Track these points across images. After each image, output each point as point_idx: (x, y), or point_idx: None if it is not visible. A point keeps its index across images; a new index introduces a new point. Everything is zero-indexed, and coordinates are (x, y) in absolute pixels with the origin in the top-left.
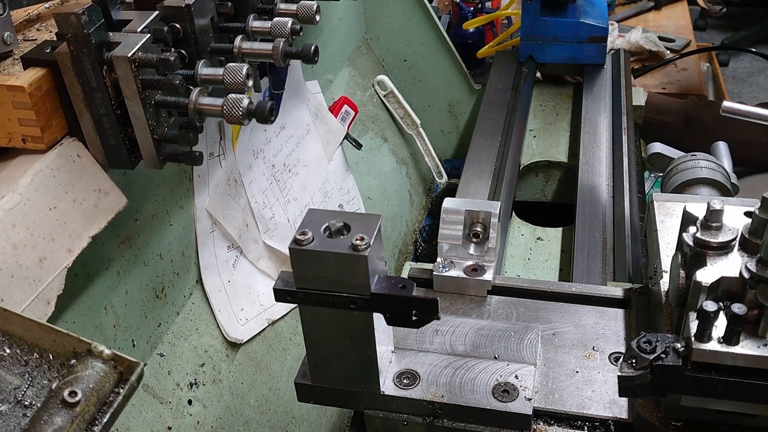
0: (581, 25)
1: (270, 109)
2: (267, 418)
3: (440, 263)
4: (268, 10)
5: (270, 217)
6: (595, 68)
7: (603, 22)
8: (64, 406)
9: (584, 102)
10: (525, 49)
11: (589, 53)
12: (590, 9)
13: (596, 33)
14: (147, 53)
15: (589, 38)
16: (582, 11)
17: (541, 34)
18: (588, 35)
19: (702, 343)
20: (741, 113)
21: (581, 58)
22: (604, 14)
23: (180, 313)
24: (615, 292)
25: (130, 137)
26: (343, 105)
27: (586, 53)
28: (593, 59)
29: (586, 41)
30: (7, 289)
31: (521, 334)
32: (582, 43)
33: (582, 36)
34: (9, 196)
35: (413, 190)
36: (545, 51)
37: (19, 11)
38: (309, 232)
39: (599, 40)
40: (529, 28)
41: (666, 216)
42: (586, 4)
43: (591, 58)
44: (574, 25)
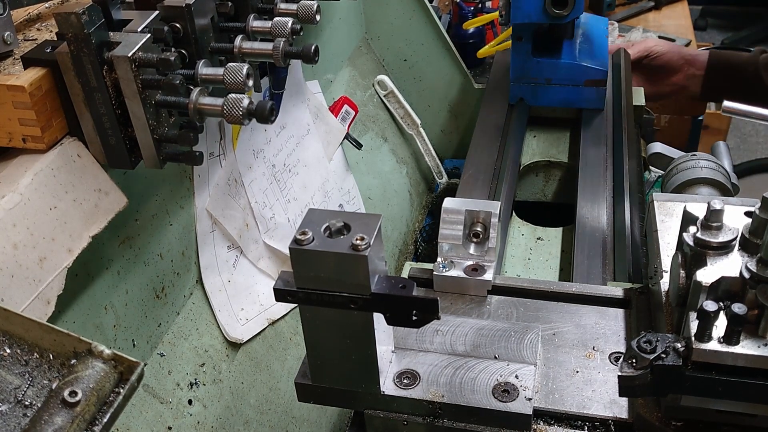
0: (577, 66)
1: (270, 108)
2: (267, 418)
3: (440, 263)
4: (268, 10)
5: (270, 217)
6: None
7: (602, 64)
8: (64, 406)
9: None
10: (516, 91)
11: (587, 97)
12: (588, 49)
13: (594, 76)
14: (147, 53)
15: (586, 81)
16: (579, 51)
17: (533, 76)
18: (585, 78)
19: (702, 343)
20: (741, 113)
21: (578, 102)
22: (604, 54)
23: (180, 313)
24: (615, 292)
25: (130, 137)
26: (343, 105)
27: (584, 97)
28: (591, 103)
29: (583, 84)
30: (7, 289)
31: (521, 334)
32: (578, 86)
33: (578, 79)
34: (9, 196)
35: (413, 190)
36: (538, 93)
37: (19, 11)
38: (309, 231)
39: (597, 83)
40: (520, 69)
41: (666, 216)
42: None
43: (588, 102)
44: (569, 66)
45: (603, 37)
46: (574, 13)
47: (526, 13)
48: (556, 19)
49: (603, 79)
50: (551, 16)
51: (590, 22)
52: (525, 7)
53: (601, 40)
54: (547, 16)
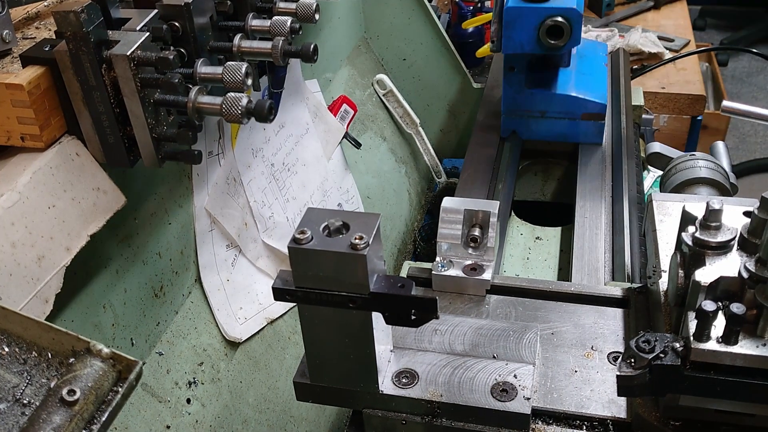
0: (574, 99)
1: (269, 107)
2: (266, 417)
3: (439, 262)
4: (267, 9)
5: (269, 216)
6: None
7: (600, 97)
8: (62, 404)
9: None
10: (508, 124)
11: (584, 131)
12: (586, 80)
13: (592, 109)
14: (146, 52)
15: (583, 115)
16: (575, 82)
17: (526, 108)
18: (582, 111)
19: (701, 343)
20: (741, 113)
21: (574, 136)
22: (602, 85)
23: (179, 312)
24: (614, 291)
25: (129, 136)
26: (342, 104)
27: (581, 131)
28: (588, 138)
29: (580, 118)
30: (5, 287)
31: (520, 333)
32: (575, 119)
33: (575, 112)
34: (8, 195)
35: (412, 190)
36: (531, 127)
37: (18, 9)
38: (308, 231)
39: (595, 117)
40: (512, 102)
41: (665, 215)
42: (582, 72)
43: (586, 137)
44: (565, 99)
45: (602, 66)
46: (570, 43)
47: (518, 42)
48: (552, 50)
49: (602, 113)
50: (546, 47)
51: (588, 49)
52: (517, 36)
53: (600, 69)
54: (542, 47)
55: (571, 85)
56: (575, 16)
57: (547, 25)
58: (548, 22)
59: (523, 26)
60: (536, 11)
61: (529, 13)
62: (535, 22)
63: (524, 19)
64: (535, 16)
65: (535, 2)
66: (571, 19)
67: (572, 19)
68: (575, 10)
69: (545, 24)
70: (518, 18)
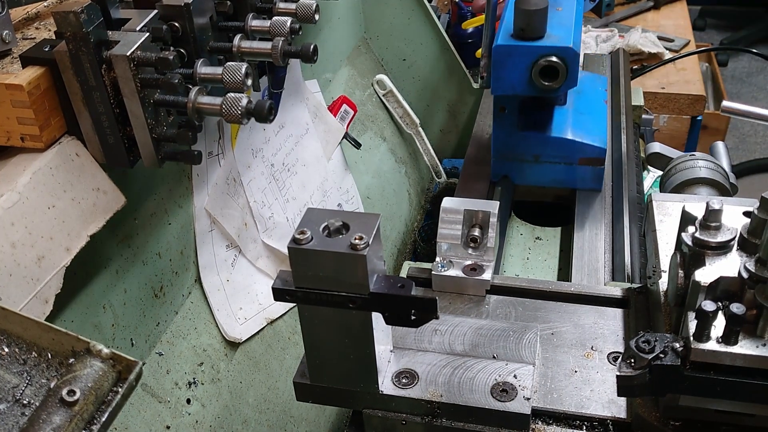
0: (570, 143)
1: (269, 108)
2: (266, 418)
3: (439, 263)
4: (267, 9)
5: (269, 216)
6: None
7: (599, 139)
8: (62, 405)
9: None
10: (498, 168)
11: (582, 176)
12: (584, 121)
13: (590, 153)
14: (146, 52)
15: (581, 159)
16: (572, 123)
17: (518, 152)
18: (579, 156)
19: (701, 343)
20: (741, 113)
21: (571, 182)
22: (602, 126)
23: (179, 312)
24: (614, 291)
25: (128, 136)
26: (342, 104)
27: (578, 176)
28: (586, 183)
29: (577, 163)
30: (5, 287)
31: (520, 333)
32: (572, 164)
33: (571, 156)
34: (7, 195)
35: (412, 190)
36: (524, 172)
37: (18, 10)
38: (308, 231)
39: (594, 162)
40: (504, 144)
41: (665, 216)
42: (580, 113)
43: (584, 182)
44: (560, 143)
45: (601, 103)
46: (567, 85)
47: (509, 84)
48: (546, 92)
49: (601, 158)
50: (540, 89)
51: (586, 83)
52: (508, 77)
53: (599, 107)
54: (535, 89)
55: (568, 127)
56: (571, 55)
57: (541, 65)
58: (541, 62)
59: (514, 66)
60: (528, 50)
61: (520, 51)
62: (527, 61)
63: (515, 58)
64: (526, 55)
65: (527, 40)
66: (567, 58)
67: (568, 59)
68: (571, 50)
69: (538, 64)
70: (508, 57)
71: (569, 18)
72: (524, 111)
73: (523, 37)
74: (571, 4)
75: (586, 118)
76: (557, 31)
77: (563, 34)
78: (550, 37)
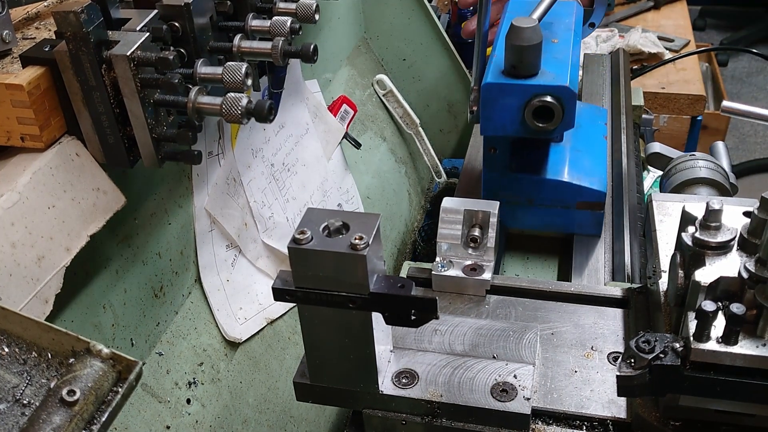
0: (567, 186)
1: (269, 108)
2: (266, 418)
3: (439, 263)
4: (267, 9)
5: (269, 216)
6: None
7: (599, 181)
8: (62, 405)
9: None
10: None
11: (579, 221)
12: (583, 160)
13: (588, 197)
14: (146, 52)
15: (579, 203)
16: (570, 163)
17: (510, 194)
18: (577, 199)
19: (701, 343)
20: (741, 113)
21: (568, 227)
22: (602, 166)
23: (179, 312)
24: (614, 291)
25: (128, 136)
26: (342, 104)
27: (575, 221)
28: (584, 229)
29: (575, 207)
30: (5, 287)
31: (520, 333)
32: (569, 208)
33: (568, 200)
34: (7, 195)
35: (412, 190)
36: (517, 215)
37: (18, 10)
38: (308, 231)
39: (593, 206)
40: (495, 186)
41: (665, 216)
42: (578, 151)
43: (581, 228)
44: (556, 185)
45: (601, 139)
46: (563, 126)
47: (500, 124)
48: (540, 133)
49: (600, 202)
50: (533, 130)
51: (584, 116)
52: (498, 117)
53: (599, 144)
54: (528, 130)
55: (565, 168)
56: (568, 95)
57: (534, 105)
58: (535, 102)
59: (505, 106)
60: (520, 89)
61: (511, 90)
62: (519, 101)
63: (506, 97)
64: (519, 94)
65: (520, 77)
66: (563, 98)
67: (564, 99)
68: (568, 89)
69: (531, 104)
70: (499, 96)
71: (566, 52)
72: (517, 150)
73: (515, 75)
74: (568, 37)
75: (584, 157)
76: (552, 67)
77: (559, 71)
78: (544, 75)
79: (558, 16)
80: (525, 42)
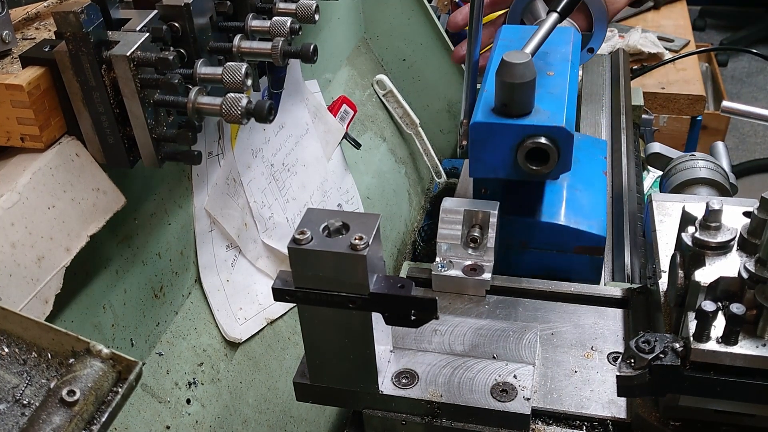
0: (564, 229)
1: (269, 108)
2: (266, 418)
3: (439, 263)
4: (267, 10)
5: (269, 217)
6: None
7: (598, 224)
8: (62, 405)
9: None
10: None
11: (577, 267)
12: (581, 200)
13: (587, 241)
14: (146, 52)
15: (576, 248)
16: (567, 203)
17: (502, 238)
18: (575, 244)
19: (700, 343)
20: (741, 113)
21: (565, 272)
22: (601, 207)
23: (179, 313)
24: (614, 292)
25: (128, 136)
26: (342, 104)
27: (573, 266)
28: (582, 274)
29: (572, 251)
30: (5, 288)
31: (520, 333)
32: (566, 252)
33: (565, 245)
34: (7, 195)
35: (412, 190)
36: (510, 260)
37: (17, 10)
38: (308, 231)
39: (592, 251)
40: None
41: (665, 216)
42: (575, 189)
43: (579, 273)
44: (551, 229)
45: (600, 175)
46: (559, 170)
47: (489, 166)
48: (534, 177)
49: (600, 247)
50: (526, 174)
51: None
52: (489, 159)
53: (598, 181)
54: (520, 173)
55: (561, 209)
56: (564, 136)
57: (527, 147)
58: (528, 144)
59: (496, 147)
60: (512, 129)
61: (502, 131)
62: (510, 142)
63: (497, 138)
64: (510, 135)
65: (512, 117)
66: (559, 140)
67: (560, 141)
68: (564, 130)
69: (524, 146)
70: (489, 137)
71: (562, 87)
72: (509, 191)
73: (507, 114)
74: (565, 69)
75: (582, 197)
76: (547, 104)
77: (554, 109)
78: (538, 113)
79: (554, 44)
80: (517, 79)
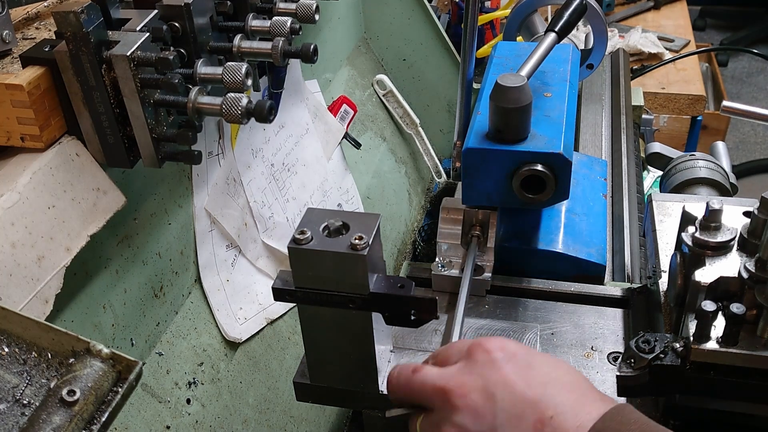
0: (562, 257)
1: (269, 108)
2: (266, 418)
3: (439, 263)
4: (267, 9)
5: (269, 216)
6: None
7: (597, 251)
8: (62, 405)
9: None
10: None
11: None
12: (579, 225)
13: (586, 269)
14: (146, 52)
15: (574, 277)
16: (565, 229)
17: (499, 265)
18: (574, 272)
19: (701, 343)
20: (741, 113)
21: None
22: (601, 232)
23: (179, 312)
24: (614, 291)
25: (128, 136)
26: (342, 104)
27: None
28: None
29: (571, 279)
30: (5, 287)
31: (520, 333)
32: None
33: (563, 273)
34: (8, 195)
35: (412, 190)
36: None
37: (18, 10)
38: (308, 231)
39: (591, 280)
40: None
41: (665, 216)
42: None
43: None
44: (549, 257)
45: (600, 198)
46: (556, 198)
47: (483, 193)
48: (530, 205)
49: (599, 275)
50: (522, 202)
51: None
52: (481, 186)
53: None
54: (515, 201)
55: (558, 236)
56: (561, 164)
57: (523, 174)
58: (524, 171)
59: (489, 174)
60: (506, 156)
61: (496, 157)
62: (505, 169)
63: (490, 165)
64: (505, 162)
65: (506, 143)
66: (556, 167)
67: (557, 168)
68: (561, 156)
69: (520, 173)
70: (482, 164)
71: (560, 109)
72: (505, 217)
73: (501, 139)
74: (563, 89)
75: (581, 222)
76: (544, 129)
77: (552, 134)
78: (534, 139)
79: (552, 62)
80: (512, 104)
